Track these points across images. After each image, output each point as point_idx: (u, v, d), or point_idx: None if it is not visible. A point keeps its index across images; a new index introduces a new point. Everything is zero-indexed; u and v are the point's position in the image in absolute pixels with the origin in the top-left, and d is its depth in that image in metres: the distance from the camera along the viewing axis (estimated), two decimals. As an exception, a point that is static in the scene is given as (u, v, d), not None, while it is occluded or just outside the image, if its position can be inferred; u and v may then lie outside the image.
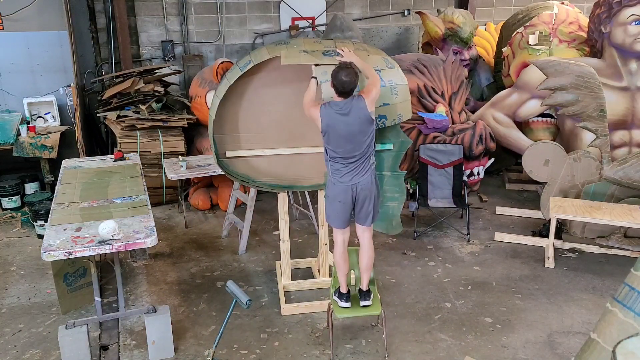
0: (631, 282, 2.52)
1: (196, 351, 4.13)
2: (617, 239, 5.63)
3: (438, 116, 6.32)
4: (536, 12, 7.73)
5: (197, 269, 5.42)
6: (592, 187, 5.82)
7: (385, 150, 4.44)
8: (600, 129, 5.87)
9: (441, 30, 8.06)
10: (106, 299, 4.83)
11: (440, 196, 6.29)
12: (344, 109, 3.72)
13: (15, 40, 7.14)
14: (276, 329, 4.40)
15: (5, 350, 4.18)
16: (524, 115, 6.82)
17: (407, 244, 5.90)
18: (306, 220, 6.51)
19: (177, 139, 6.84)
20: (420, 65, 6.82)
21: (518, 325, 4.45)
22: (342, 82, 3.66)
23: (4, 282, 5.21)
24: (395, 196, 4.54)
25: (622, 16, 6.21)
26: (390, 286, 5.06)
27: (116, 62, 7.98)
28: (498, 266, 5.44)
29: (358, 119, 3.73)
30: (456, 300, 4.83)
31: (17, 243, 6.06)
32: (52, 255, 3.51)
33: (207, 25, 8.44)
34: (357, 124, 3.73)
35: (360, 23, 9.02)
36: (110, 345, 4.24)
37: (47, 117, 7.28)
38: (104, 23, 7.91)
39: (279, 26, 8.76)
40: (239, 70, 4.10)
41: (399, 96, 4.14)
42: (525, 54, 7.35)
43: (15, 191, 6.75)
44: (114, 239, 3.64)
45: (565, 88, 5.90)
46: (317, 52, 4.09)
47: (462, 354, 4.08)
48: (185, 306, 4.76)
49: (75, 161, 5.55)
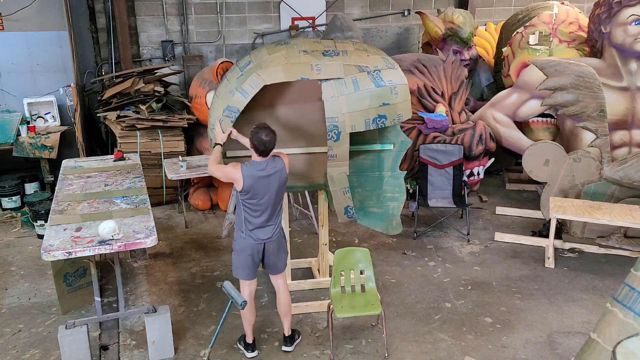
0: (631, 282, 2.52)
1: (196, 351, 4.14)
2: (617, 239, 5.63)
3: (438, 116, 6.31)
4: (536, 12, 7.72)
5: (197, 269, 5.42)
6: (592, 187, 5.82)
7: (385, 150, 4.44)
8: (600, 129, 5.87)
9: (441, 30, 8.06)
10: (106, 299, 4.83)
11: (440, 196, 6.29)
12: (267, 170, 3.71)
13: (15, 40, 7.14)
14: (276, 329, 4.40)
15: (5, 350, 4.18)
16: (524, 115, 6.81)
17: (407, 244, 5.90)
18: (306, 220, 6.51)
19: (177, 139, 6.84)
20: (420, 65, 6.82)
21: (518, 325, 4.45)
22: (262, 142, 3.63)
23: (4, 282, 5.21)
24: (395, 196, 4.54)
25: (622, 16, 6.20)
26: (390, 286, 5.06)
27: (116, 62, 7.98)
28: (498, 266, 5.44)
29: (278, 179, 3.75)
30: (456, 300, 4.83)
31: (17, 243, 6.05)
32: (52, 255, 3.51)
33: (207, 25, 8.44)
34: (277, 185, 3.75)
35: (360, 23, 9.02)
36: (110, 345, 4.24)
37: (47, 117, 7.28)
38: (104, 23, 7.91)
39: (279, 26, 8.76)
40: (239, 71, 4.10)
41: (399, 96, 4.13)
42: (525, 54, 7.35)
43: (15, 191, 6.75)
44: (114, 239, 3.64)
45: (565, 88, 5.90)
46: (316, 52, 4.09)
47: (462, 354, 4.08)
48: (185, 306, 4.76)
49: (75, 161, 5.55)
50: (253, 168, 3.70)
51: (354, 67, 4.07)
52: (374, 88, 4.06)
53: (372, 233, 6.07)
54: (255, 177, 3.68)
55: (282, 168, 3.78)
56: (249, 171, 3.68)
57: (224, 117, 4.00)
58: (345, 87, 4.02)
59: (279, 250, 3.95)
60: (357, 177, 4.53)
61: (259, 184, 3.69)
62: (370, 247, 4.86)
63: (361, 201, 4.55)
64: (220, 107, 4.04)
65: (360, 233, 6.16)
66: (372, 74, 4.08)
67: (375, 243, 5.92)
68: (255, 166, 3.71)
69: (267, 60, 4.04)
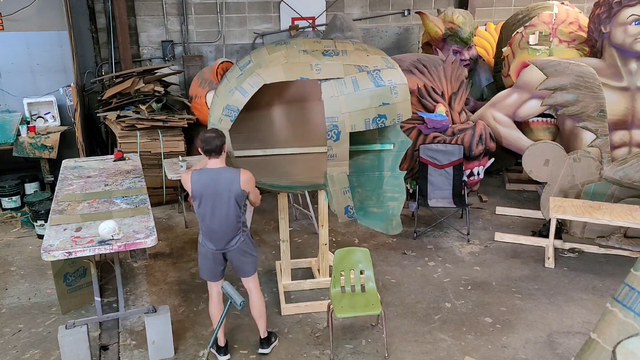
0: (631, 282, 2.52)
1: (196, 351, 4.13)
2: (617, 239, 5.63)
3: (438, 116, 6.31)
4: (536, 12, 7.72)
5: (197, 269, 5.39)
6: (592, 187, 5.82)
7: (385, 150, 4.44)
8: (600, 129, 5.87)
9: (441, 30, 8.07)
10: (106, 299, 4.83)
11: (440, 196, 6.29)
12: (214, 178, 3.63)
13: (15, 40, 7.14)
14: (276, 329, 4.40)
15: (5, 350, 4.18)
16: (524, 115, 6.81)
17: (407, 244, 5.90)
18: (306, 220, 6.51)
19: (177, 139, 6.85)
20: (420, 65, 6.83)
21: (518, 325, 4.45)
22: (205, 139, 3.57)
23: (4, 282, 5.21)
24: (395, 196, 4.54)
25: (622, 16, 6.20)
26: (390, 286, 5.06)
27: (116, 62, 7.98)
28: (498, 266, 5.44)
29: (228, 191, 3.63)
30: (456, 300, 4.83)
31: (17, 243, 6.06)
32: (52, 255, 3.51)
33: (207, 25, 8.44)
34: (226, 195, 3.63)
35: (360, 23, 9.02)
36: (110, 345, 4.24)
37: (47, 117, 7.28)
38: (104, 23, 7.91)
39: (279, 26, 8.76)
40: (239, 70, 4.11)
41: (399, 96, 4.14)
42: (525, 54, 7.35)
43: (15, 191, 6.75)
44: (114, 239, 3.64)
45: (565, 88, 5.90)
46: (316, 52, 4.09)
47: (462, 354, 4.08)
48: (185, 306, 4.76)
49: (75, 161, 5.55)
50: (203, 175, 3.65)
51: (353, 66, 4.07)
52: (373, 88, 4.06)
53: (372, 233, 6.07)
54: (203, 183, 3.62)
55: (236, 181, 3.64)
56: (198, 176, 3.65)
57: (223, 116, 4.00)
58: (345, 86, 4.02)
59: (242, 256, 3.85)
60: (357, 177, 4.54)
61: (206, 192, 3.63)
62: (370, 247, 4.87)
63: (361, 201, 4.55)
64: (220, 106, 4.04)
65: (360, 233, 6.16)
66: (371, 73, 4.08)
67: (375, 243, 5.92)
68: (205, 173, 3.66)
69: (267, 60, 4.04)
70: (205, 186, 3.64)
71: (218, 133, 3.65)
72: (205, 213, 3.70)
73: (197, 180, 3.65)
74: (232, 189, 3.64)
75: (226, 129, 3.99)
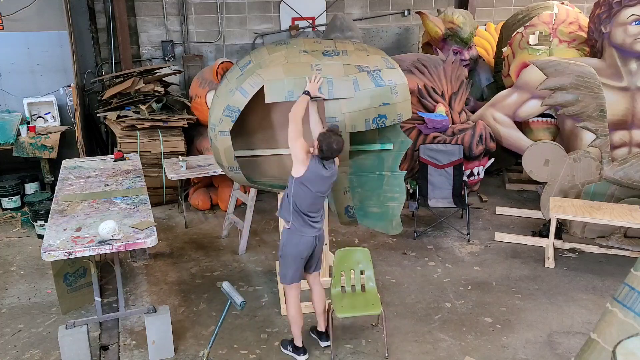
0: (631, 282, 2.52)
1: (196, 351, 4.13)
2: (617, 239, 5.63)
3: (438, 116, 6.31)
4: (536, 12, 7.72)
5: (197, 269, 5.42)
6: (592, 187, 5.82)
7: (385, 150, 4.44)
8: (600, 129, 5.87)
9: (441, 30, 8.06)
10: (106, 299, 4.83)
11: (440, 196, 6.29)
12: (329, 168, 3.73)
13: (15, 40, 7.15)
14: (276, 329, 4.40)
15: (5, 350, 4.18)
16: (524, 115, 6.81)
17: (407, 244, 5.90)
18: (306, 220, 6.50)
19: (177, 139, 6.84)
20: (420, 65, 6.82)
21: (518, 325, 4.45)
22: (332, 150, 3.62)
23: (4, 282, 5.21)
24: (395, 196, 4.53)
25: (622, 16, 6.20)
26: (390, 286, 5.06)
27: (116, 62, 7.98)
28: (498, 266, 5.44)
29: (331, 179, 3.77)
30: (456, 300, 4.83)
31: (17, 243, 6.05)
32: (52, 255, 3.51)
33: (207, 26, 8.44)
34: (329, 183, 3.79)
35: (360, 23, 9.02)
36: (110, 345, 4.24)
37: (47, 117, 7.28)
38: (104, 23, 7.91)
39: (279, 26, 8.76)
40: (239, 70, 4.10)
41: (399, 96, 4.13)
42: (525, 54, 7.35)
43: (15, 191, 6.75)
44: (114, 239, 3.64)
45: (565, 88, 5.90)
46: (317, 52, 4.09)
47: (462, 354, 4.08)
48: (185, 306, 4.76)
49: (75, 161, 5.55)
50: (320, 163, 3.68)
51: (354, 66, 4.07)
52: (374, 88, 4.06)
53: (372, 233, 6.07)
54: (317, 171, 3.67)
55: (337, 169, 3.83)
56: (315, 164, 3.67)
57: (224, 116, 4.00)
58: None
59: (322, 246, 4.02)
60: (357, 177, 4.53)
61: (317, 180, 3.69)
62: (370, 247, 4.85)
63: (361, 201, 4.55)
64: (221, 106, 4.04)
65: (360, 233, 6.16)
66: (372, 73, 4.08)
67: (375, 243, 5.92)
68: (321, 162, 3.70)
69: (267, 60, 4.04)
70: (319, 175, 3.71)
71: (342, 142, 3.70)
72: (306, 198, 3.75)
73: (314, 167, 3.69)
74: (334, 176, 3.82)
75: (227, 129, 4.00)
